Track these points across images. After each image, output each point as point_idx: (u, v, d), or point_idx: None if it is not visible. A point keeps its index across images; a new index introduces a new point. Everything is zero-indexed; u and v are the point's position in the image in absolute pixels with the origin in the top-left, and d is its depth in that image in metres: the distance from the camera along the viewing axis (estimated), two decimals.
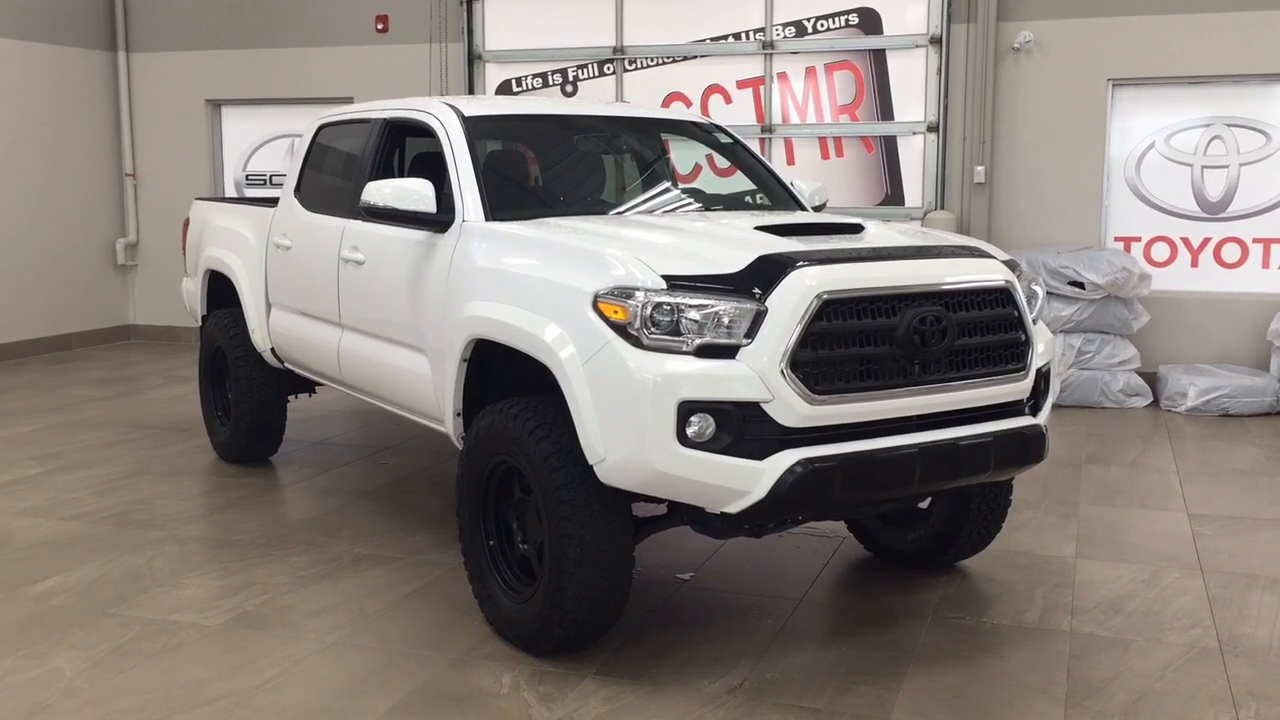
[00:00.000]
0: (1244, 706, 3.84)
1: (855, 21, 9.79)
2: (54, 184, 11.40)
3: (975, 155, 9.46)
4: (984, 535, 5.01)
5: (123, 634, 4.41)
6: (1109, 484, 6.60)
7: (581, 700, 3.87)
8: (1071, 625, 4.53)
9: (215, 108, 11.93)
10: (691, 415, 3.74)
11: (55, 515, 5.93)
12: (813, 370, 3.78)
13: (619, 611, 4.14)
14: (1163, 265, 9.36)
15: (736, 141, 5.90)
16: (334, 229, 5.69)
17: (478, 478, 4.39)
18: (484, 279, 4.48)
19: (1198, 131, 9.23)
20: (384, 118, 5.67)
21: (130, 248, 12.15)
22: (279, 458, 7.14)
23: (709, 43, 10.14)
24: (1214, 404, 8.48)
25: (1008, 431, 4.17)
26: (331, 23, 11.21)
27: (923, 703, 3.87)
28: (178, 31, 11.75)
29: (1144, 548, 5.47)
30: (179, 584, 4.96)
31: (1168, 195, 9.34)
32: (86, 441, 7.53)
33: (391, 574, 5.08)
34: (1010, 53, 9.38)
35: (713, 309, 3.78)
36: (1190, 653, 4.26)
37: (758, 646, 4.31)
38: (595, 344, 3.86)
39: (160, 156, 12.02)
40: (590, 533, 3.95)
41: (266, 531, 5.69)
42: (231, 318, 6.83)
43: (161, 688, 3.95)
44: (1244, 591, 4.90)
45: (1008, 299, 4.22)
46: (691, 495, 3.87)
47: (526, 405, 4.17)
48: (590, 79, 10.52)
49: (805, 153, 10.04)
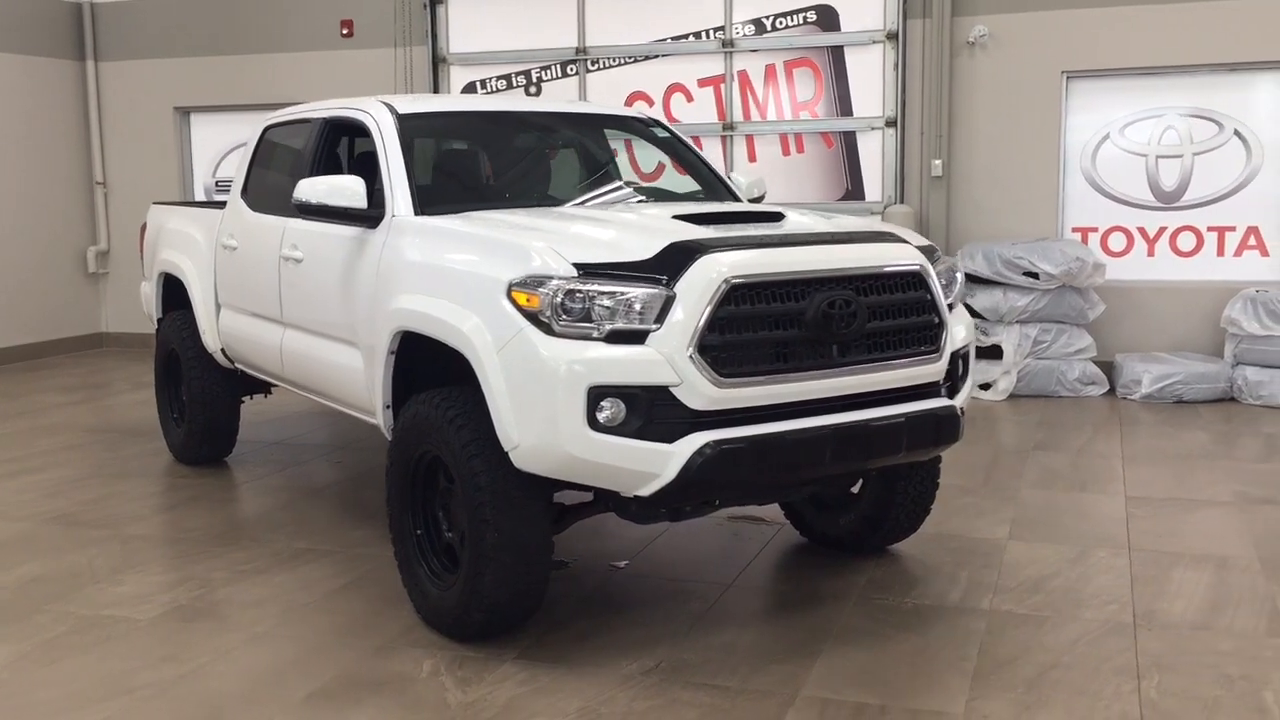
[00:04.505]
0: (1147, 677, 3.90)
1: (814, 19, 9.87)
2: (25, 193, 11.46)
3: (933, 149, 9.53)
4: (912, 518, 5.07)
5: (55, 629, 4.47)
6: (1053, 469, 6.67)
7: (498, 683, 3.93)
8: (992, 604, 4.59)
9: (184, 115, 12.00)
10: (602, 400, 3.81)
11: (4, 517, 5.98)
12: (721, 354, 3.85)
13: (538, 597, 4.20)
14: (1120, 255, 9.44)
15: (674, 136, 5.98)
16: (276, 228, 5.75)
17: (404, 468, 4.45)
18: (410, 272, 4.54)
19: (1151, 122, 9.31)
20: (323, 117, 5.74)
21: (102, 256, 12.22)
22: (235, 458, 7.20)
23: (670, 42, 10.21)
24: (1168, 391, 8.55)
25: (921, 413, 4.23)
26: (297, 28, 11.28)
27: (833, 679, 3.93)
28: (145, 40, 11.82)
29: (1076, 529, 5.54)
30: (117, 580, 5.02)
31: (1123, 186, 9.42)
32: (45, 446, 7.59)
33: (328, 567, 5.14)
34: (965, 47, 9.46)
35: (622, 295, 3.85)
36: (1103, 628, 4.33)
37: (680, 629, 4.38)
38: (508, 332, 3.93)
39: (130, 164, 12.09)
40: (507, 519, 4.01)
41: (211, 529, 5.75)
42: (184, 320, 6.89)
43: (84, 679, 4.01)
44: (1167, 569, 4.97)
45: (920, 283, 4.28)
46: (604, 479, 3.93)
47: (447, 395, 4.23)
48: (554, 80, 10.59)
49: (766, 149, 10.11)
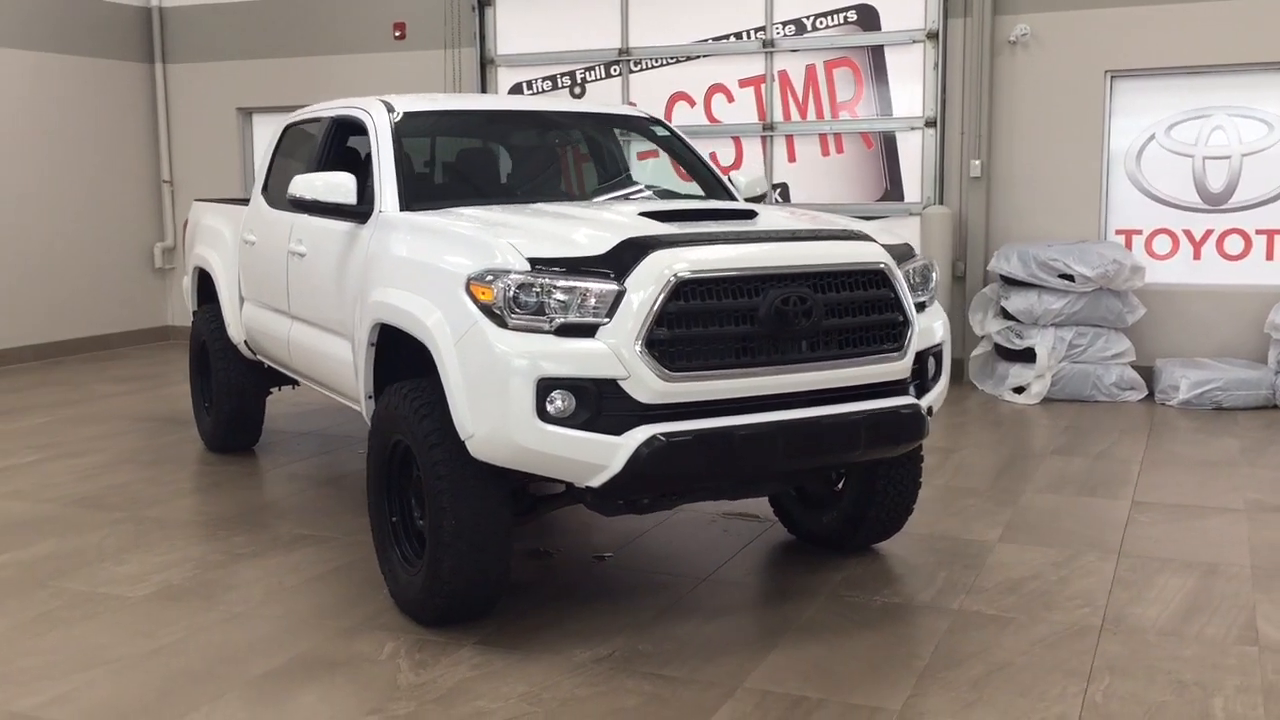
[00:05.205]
0: (1097, 680, 3.86)
1: (854, 19, 9.83)
2: (95, 191, 11.91)
3: (973, 149, 9.43)
4: (893, 517, 5.06)
5: (50, 603, 4.68)
6: (1064, 473, 6.58)
7: (451, 666, 4.03)
8: (961, 604, 4.57)
9: (246, 115, 12.35)
10: (551, 392, 3.89)
11: (34, 498, 6.26)
12: (669, 348, 3.90)
13: (498, 585, 4.29)
14: (1165, 258, 9.24)
15: (673, 134, 6.03)
16: (286, 224, 5.94)
17: (380, 456, 4.58)
18: (390, 266, 4.67)
19: (1198, 122, 9.10)
20: (331, 116, 5.91)
21: (167, 252, 12.63)
22: (264, 446, 7.42)
23: (711, 42, 10.25)
24: (1206, 397, 8.35)
25: (881, 410, 4.24)
26: (353, 31, 11.56)
27: (779, 673, 3.95)
28: (210, 43, 12.21)
29: (1071, 533, 5.47)
30: (121, 560, 5.23)
31: (1169, 187, 9.22)
32: (88, 433, 7.90)
33: (321, 552, 5.29)
34: (1007, 46, 9.34)
35: (573, 289, 3.93)
36: (1068, 630, 4.28)
37: (642, 620, 4.43)
38: (465, 324, 4.03)
39: (195, 163, 12.48)
40: (465, 507, 4.11)
41: (223, 514, 5.95)
42: (212, 313, 7.13)
43: (64, 651, 4.20)
44: (1153, 575, 4.89)
45: (883, 281, 4.28)
46: (554, 470, 4.01)
47: (415, 386, 4.35)
48: (598, 80, 10.70)
49: (806, 150, 10.09)
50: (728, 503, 5.74)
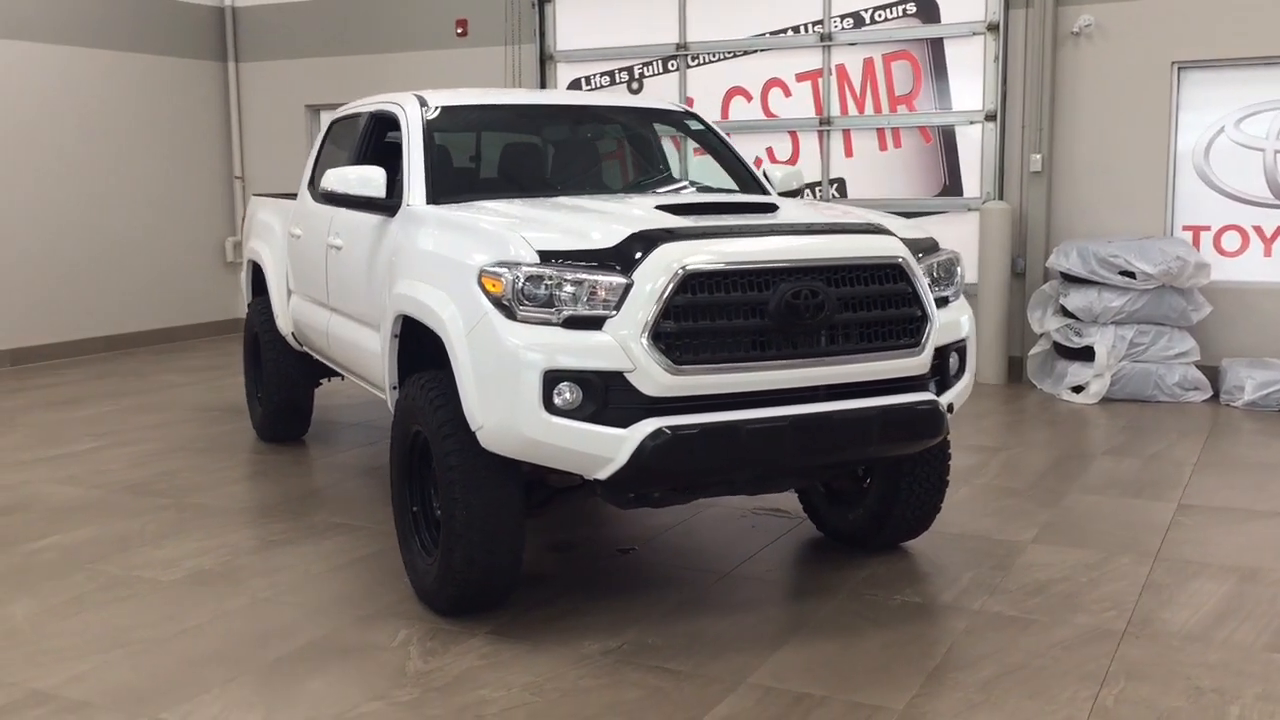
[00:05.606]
0: (1111, 684, 3.77)
1: (913, 11, 9.70)
2: (169, 187, 12.21)
3: (1033, 144, 9.25)
4: (919, 515, 4.98)
5: (85, 586, 4.81)
6: (1113, 475, 6.42)
7: (460, 655, 4.06)
8: (983, 605, 4.48)
9: (314, 112, 12.56)
10: (558, 384, 3.89)
11: (85, 484, 6.44)
12: (676, 341, 3.89)
13: (510, 575, 4.31)
14: (1233, 255, 8.97)
15: (708, 128, 6.00)
16: (326, 218, 6.03)
17: (402, 446, 4.63)
18: (413, 259, 4.72)
19: (1270, 115, 8.80)
20: (370, 111, 5.98)
21: (239, 246, 12.88)
22: (314, 436, 7.55)
23: (768, 36, 10.18)
24: (1273, 398, 8.10)
25: (896, 406, 4.18)
26: (416, 29, 11.70)
27: (787, 669, 3.92)
28: (280, 41, 12.45)
29: (1109, 535, 5.34)
30: (159, 545, 5.35)
31: (1238, 182, 8.94)
32: (147, 421, 8.10)
33: (352, 541, 5.37)
34: (1070, 37, 9.14)
35: (581, 282, 3.93)
36: (1089, 633, 4.18)
37: (657, 614, 4.42)
38: (475, 316, 4.06)
39: (266, 159, 12.74)
40: (476, 498, 4.14)
41: (264, 502, 6.07)
42: (263, 305, 7.27)
43: (92, 632, 4.32)
44: (1187, 579, 4.75)
45: (900, 275, 4.22)
46: (561, 461, 4.02)
47: (433, 377, 4.39)
48: (655, 76, 10.69)
49: (863, 144, 9.98)
50: (758, 498, 5.70)
